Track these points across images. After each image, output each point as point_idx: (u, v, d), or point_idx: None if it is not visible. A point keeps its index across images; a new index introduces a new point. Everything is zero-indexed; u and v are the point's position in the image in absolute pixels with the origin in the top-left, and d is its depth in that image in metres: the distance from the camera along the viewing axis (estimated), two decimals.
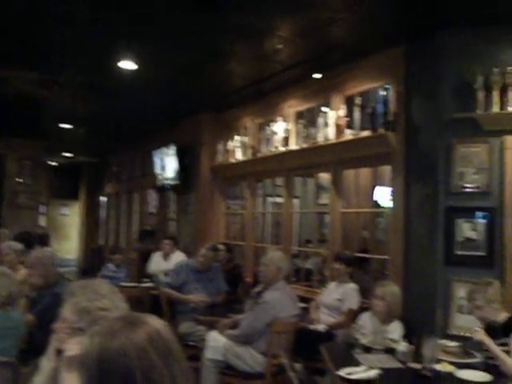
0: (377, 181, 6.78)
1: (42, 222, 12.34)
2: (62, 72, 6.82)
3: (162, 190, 10.15)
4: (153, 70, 6.61)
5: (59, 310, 2.08)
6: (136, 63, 6.23)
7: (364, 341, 3.77)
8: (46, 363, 2.15)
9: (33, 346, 3.43)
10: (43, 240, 8.54)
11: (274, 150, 7.12)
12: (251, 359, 4.31)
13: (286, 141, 6.87)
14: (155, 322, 1.22)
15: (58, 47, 5.96)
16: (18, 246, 5.54)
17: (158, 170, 9.78)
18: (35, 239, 8.15)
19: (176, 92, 7.59)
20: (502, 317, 3.67)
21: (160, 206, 10.74)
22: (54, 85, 7.26)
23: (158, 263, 7.69)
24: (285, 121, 7.02)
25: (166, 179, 9.47)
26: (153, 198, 11.43)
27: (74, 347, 1.83)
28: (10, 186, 12.11)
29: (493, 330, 3.60)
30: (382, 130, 5.39)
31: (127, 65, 6.27)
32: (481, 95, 4.70)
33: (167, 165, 9.35)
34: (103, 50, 5.95)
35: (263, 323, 4.24)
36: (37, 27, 5.42)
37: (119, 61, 6.17)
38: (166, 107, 8.50)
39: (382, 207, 7.22)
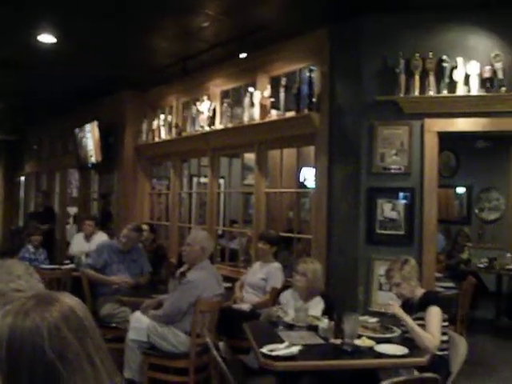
0: (303, 162, 6.85)
1: None
2: None
3: (84, 169, 9.85)
4: (73, 45, 6.35)
5: None
6: (55, 37, 5.97)
7: (287, 318, 3.83)
8: None
9: None
10: None
11: (199, 129, 7.05)
12: (175, 339, 4.28)
13: (211, 120, 6.82)
14: (69, 300, 1.19)
15: None
16: None
17: (79, 148, 9.47)
18: None
19: (98, 68, 7.33)
20: (419, 293, 3.81)
21: (82, 186, 10.43)
22: None
23: (79, 244, 7.49)
24: (210, 100, 6.96)
25: (89, 158, 9.18)
26: (75, 177, 11.08)
27: None
28: None
29: (409, 306, 3.73)
30: (306, 111, 5.44)
31: (46, 38, 6.00)
32: (402, 79, 4.84)
33: (89, 143, 9.06)
34: (21, 23, 5.65)
35: (187, 303, 4.21)
36: None
37: (38, 35, 5.89)
38: (87, 83, 8.18)
39: (308, 188, 7.32)
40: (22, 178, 14.58)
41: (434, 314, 3.54)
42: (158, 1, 4.95)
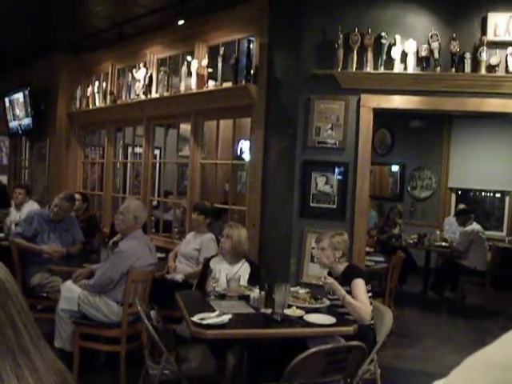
0: (241, 134, 6.84)
1: None
2: None
3: (14, 135, 9.47)
4: (3, 2, 6.04)
5: None
6: None
7: (218, 288, 3.85)
8: None
9: None
10: None
11: (134, 97, 6.90)
12: (106, 309, 4.22)
13: (147, 88, 6.68)
14: None
15: None
16: None
17: (9, 114, 9.09)
18: None
19: (29, 28, 7.02)
20: (341, 267, 3.89)
21: (12, 154, 10.04)
22: None
23: (10, 213, 7.23)
24: (147, 67, 6.81)
25: (19, 124, 8.83)
26: (4, 144, 10.65)
27: None
28: None
29: (334, 279, 3.81)
30: (243, 82, 5.41)
31: None
32: (340, 54, 4.87)
33: (20, 109, 8.71)
34: None
35: (119, 272, 4.16)
36: None
37: None
38: (17, 44, 7.81)
39: (244, 160, 7.32)
40: None
41: (360, 285, 3.65)
42: None
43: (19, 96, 8.65)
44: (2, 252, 5.92)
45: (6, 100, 9.09)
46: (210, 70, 5.92)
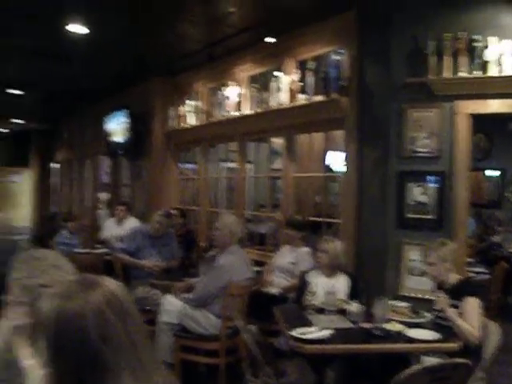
0: (329, 145, 6.82)
1: None
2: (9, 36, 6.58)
3: (114, 155, 9.97)
4: (103, 33, 6.41)
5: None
6: (86, 26, 6.05)
7: (316, 302, 3.85)
8: (1, 326, 2.15)
9: None
10: None
11: (226, 114, 7.06)
12: (206, 322, 4.34)
13: (238, 105, 6.82)
14: (110, 284, 1.24)
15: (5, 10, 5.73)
16: None
17: (109, 135, 9.58)
18: None
19: (127, 56, 7.41)
20: (453, 279, 3.77)
21: (113, 172, 10.56)
22: None
23: (111, 229, 7.62)
24: (237, 85, 6.96)
25: (119, 145, 9.29)
26: (105, 164, 11.22)
27: (18, 317, 1.98)
28: None
29: (444, 291, 3.70)
30: (334, 95, 5.40)
31: (76, 28, 6.07)
32: (432, 60, 4.74)
33: (119, 130, 9.16)
34: (53, 13, 5.74)
35: (217, 286, 4.26)
36: None
37: (67, 24, 5.97)
38: (117, 71, 8.28)
39: (335, 172, 7.28)
40: (54, 165, 14.85)
41: (474, 305, 3.50)
42: None
43: (119, 118, 9.11)
44: (106, 266, 6.26)
45: (107, 122, 9.59)
46: (300, 83, 5.96)
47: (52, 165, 15.01)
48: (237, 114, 6.84)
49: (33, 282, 2.00)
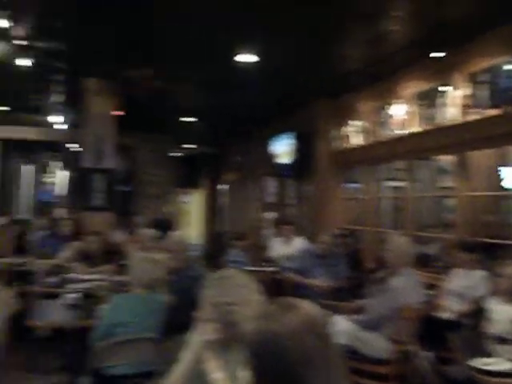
0: (501, 161, 6.40)
1: (168, 209, 12.97)
2: (183, 68, 7.14)
3: (280, 176, 10.27)
4: (271, 60, 6.67)
5: (194, 292, 2.28)
6: (255, 55, 6.35)
7: (495, 330, 3.63)
8: (194, 340, 2.33)
9: (172, 323, 3.75)
10: (171, 226, 8.98)
11: (391, 133, 6.96)
12: (377, 345, 4.27)
13: (404, 123, 6.69)
14: (308, 307, 1.28)
15: (178, 44, 6.25)
16: (155, 232, 5.95)
17: (276, 157, 9.90)
18: (168, 225, 8.62)
19: (292, 79, 7.64)
20: None
21: (278, 193, 10.87)
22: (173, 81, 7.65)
23: (278, 248, 7.81)
24: (403, 103, 6.83)
25: (285, 166, 9.56)
26: (271, 185, 11.58)
27: (208, 332, 2.15)
28: (141, 177, 12.95)
29: None
30: (509, 108, 5.08)
31: (246, 58, 6.42)
32: None
33: (285, 152, 9.44)
34: (223, 45, 6.16)
35: (389, 309, 4.19)
36: (153, 25, 5.70)
37: (238, 54, 6.33)
38: (282, 95, 8.59)
39: (509, 189, 6.81)
40: (221, 187, 15.65)
41: None
42: (349, 9, 5.02)
43: (284, 140, 9.40)
44: (275, 285, 6.43)
45: (273, 144, 9.93)
46: (471, 98, 5.70)
47: (220, 186, 15.83)
48: (402, 132, 6.71)
49: (222, 300, 2.15)
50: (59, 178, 16.09)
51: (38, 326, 4.50)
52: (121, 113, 8.23)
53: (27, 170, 15.74)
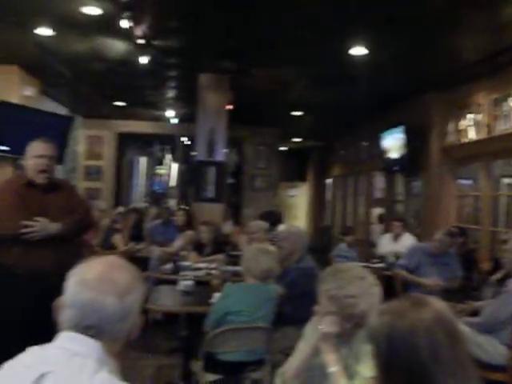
0: None
1: (275, 202, 13.14)
2: (296, 67, 7.21)
3: (389, 171, 10.06)
4: (382, 53, 6.58)
5: (304, 284, 2.31)
6: (366, 48, 6.29)
7: None
8: (311, 332, 2.36)
9: (282, 315, 3.82)
10: (280, 219, 9.09)
11: (510, 127, 6.60)
12: (493, 349, 4.09)
13: None
14: (439, 304, 1.27)
15: (291, 43, 6.33)
16: (264, 224, 6.09)
17: (385, 152, 9.71)
18: (277, 218, 8.75)
19: (404, 72, 7.47)
20: None
21: (387, 188, 10.66)
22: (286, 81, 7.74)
23: (387, 245, 7.69)
24: None
25: (394, 161, 9.36)
26: (379, 180, 11.39)
27: (328, 325, 2.17)
28: (249, 170, 13.18)
29: None
30: None
31: (358, 51, 6.37)
32: None
33: (395, 146, 9.23)
34: (334, 40, 6.16)
35: (508, 313, 4.00)
36: (267, 25, 5.84)
37: (350, 48, 6.29)
38: (393, 89, 8.40)
39: None
40: (328, 180, 15.59)
41: None
42: None
43: (394, 134, 9.18)
44: (385, 282, 6.33)
45: (383, 138, 9.74)
46: None
47: (327, 180, 15.78)
48: None
49: (340, 293, 2.17)
50: (171, 169, 16.82)
51: (153, 309, 4.73)
52: (232, 107, 8.42)
53: (142, 162, 16.61)
